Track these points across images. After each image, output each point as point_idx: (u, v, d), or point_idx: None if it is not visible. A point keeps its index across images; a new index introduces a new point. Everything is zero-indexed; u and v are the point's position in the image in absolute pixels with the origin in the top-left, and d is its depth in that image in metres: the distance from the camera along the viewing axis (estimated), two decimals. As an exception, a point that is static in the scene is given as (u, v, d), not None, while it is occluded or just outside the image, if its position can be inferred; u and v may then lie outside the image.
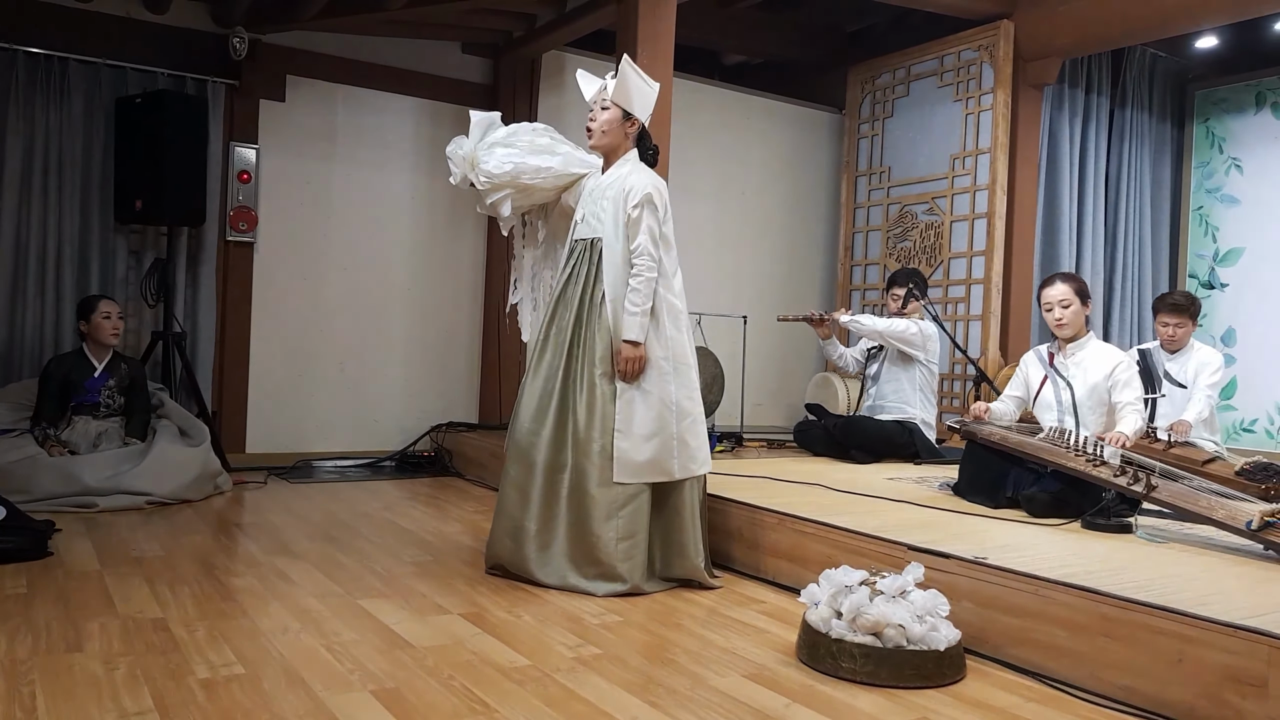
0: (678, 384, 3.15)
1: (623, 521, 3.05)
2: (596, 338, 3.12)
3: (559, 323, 3.20)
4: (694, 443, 3.17)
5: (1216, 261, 6.83)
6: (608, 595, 2.99)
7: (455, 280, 6.02)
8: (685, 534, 3.16)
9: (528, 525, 3.10)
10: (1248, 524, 2.78)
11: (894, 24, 6.76)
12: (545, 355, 3.19)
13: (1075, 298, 3.76)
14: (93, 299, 4.60)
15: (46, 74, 4.86)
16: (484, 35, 5.92)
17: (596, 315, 3.14)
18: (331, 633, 2.52)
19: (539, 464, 3.11)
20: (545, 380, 3.16)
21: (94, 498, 4.03)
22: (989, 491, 3.57)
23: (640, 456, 3.07)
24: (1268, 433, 6.42)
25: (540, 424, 3.12)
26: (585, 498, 3.06)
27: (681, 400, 3.15)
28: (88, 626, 2.49)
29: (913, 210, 6.36)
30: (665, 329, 3.16)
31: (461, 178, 3.38)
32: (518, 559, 3.12)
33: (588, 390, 3.10)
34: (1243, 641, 2.02)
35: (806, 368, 6.88)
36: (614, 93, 3.21)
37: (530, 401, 3.16)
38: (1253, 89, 6.70)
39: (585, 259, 3.21)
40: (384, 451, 5.74)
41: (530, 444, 3.13)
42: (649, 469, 3.09)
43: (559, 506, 3.10)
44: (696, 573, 3.15)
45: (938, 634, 2.33)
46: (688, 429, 3.16)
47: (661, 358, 3.13)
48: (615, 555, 3.02)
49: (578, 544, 3.07)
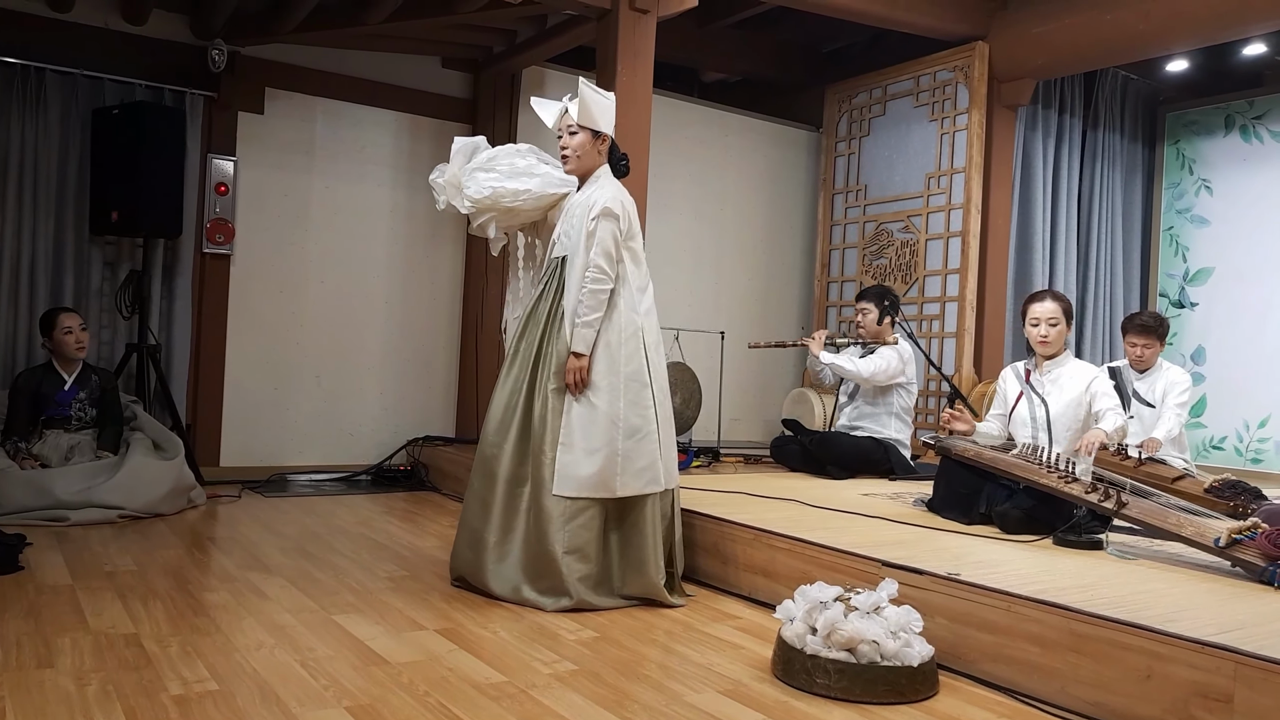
0: (628, 401, 3.13)
1: (569, 535, 3.05)
2: (554, 351, 3.15)
3: (528, 337, 3.24)
4: (642, 461, 3.13)
5: (1187, 281, 6.94)
6: (556, 610, 3.00)
7: (433, 294, 6.02)
8: (645, 551, 3.14)
9: (487, 537, 3.13)
10: (1216, 541, 2.82)
11: (870, 44, 6.83)
12: (513, 369, 3.23)
13: (1063, 317, 3.81)
14: (52, 314, 4.55)
15: (23, 84, 4.83)
16: (464, 50, 5.94)
17: (556, 329, 3.17)
18: (306, 648, 2.51)
19: (500, 476, 3.14)
20: (510, 393, 3.20)
21: (66, 511, 3.99)
22: (963, 508, 3.60)
23: (582, 471, 3.07)
24: (1236, 450, 6.50)
25: (503, 436, 3.16)
26: (540, 510, 3.08)
27: (630, 417, 3.12)
28: (59, 642, 2.47)
29: (889, 228, 6.42)
30: (622, 345, 3.15)
31: (447, 203, 3.45)
32: (476, 570, 3.16)
33: (542, 402, 3.14)
34: (1209, 658, 2.06)
35: (783, 383, 6.91)
36: (579, 116, 3.24)
37: (495, 414, 3.20)
38: (1222, 111, 6.82)
39: (555, 275, 3.25)
40: (360, 465, 5.72)
41: (492, 456, 3.17)
42: (590, 484, 3.07)
43: (518, 519, 3.13)
44: (654, 591, 3.12)
45: (911, 650, 2.35)
46: (635, 446, 3.12)
47: (608, 372, 3.12)
48: (562, 568, 3.03)
49: (531, 556, 3.09)
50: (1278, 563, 2.70)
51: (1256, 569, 2.75)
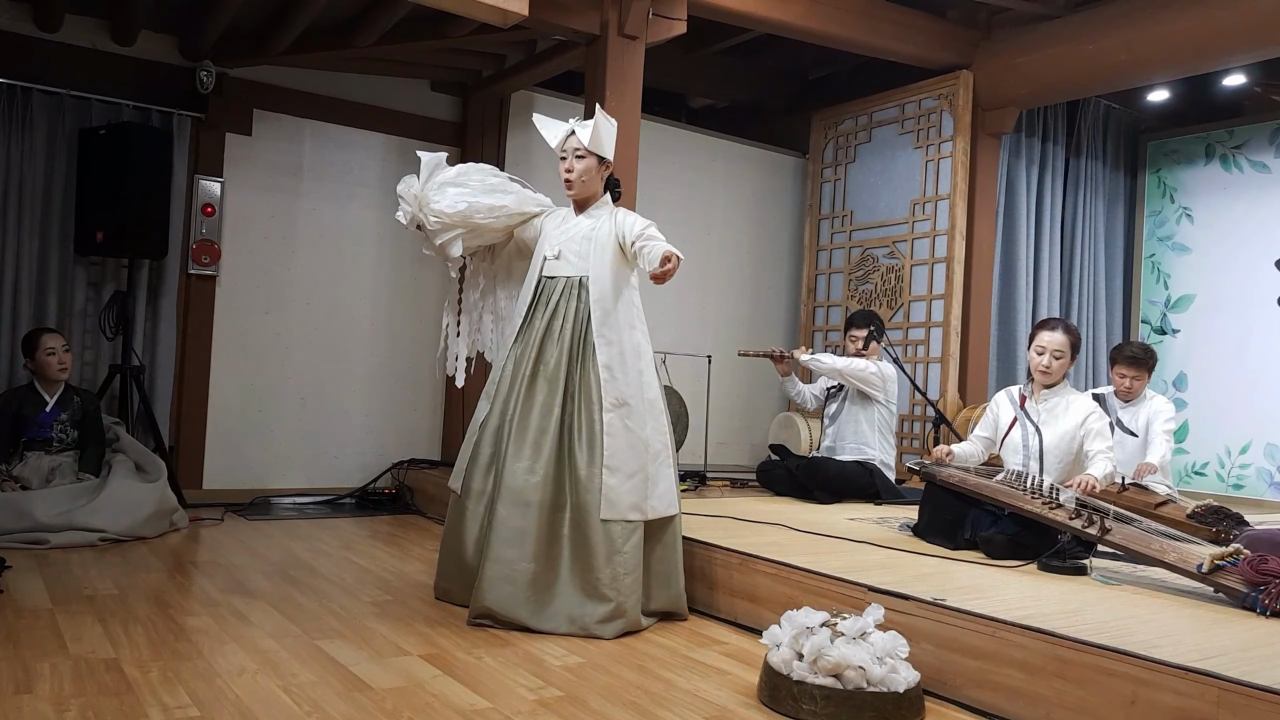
0: (653, 425, 3.20)
1: (627, 556, 3.05)
2: (591, 376, 3.14)
3: (545, 359, 3.18)
4: (664, 484, 3.20)
5: (1168, 308, 7.00)
6: (615, 636, 2.96)
7: (420, 316, 6.01)
8: (669, 565, 3.21)
9: (528, 567, 3.02)
10: (1199, 567, 2.84)
11: (856, 72, 6.90)
12: (536, 394, 3.15)
13: (1069, 351, 3.82)
14: (34, 334, 4.51)
15: (9, 103, 4.82)
16: (453, 74, 5.97)
17: (591, 355, 3.15)
18: (289, 674, 2.49)
19: (536, 503, 3.05)
20: (540, 418, 3.13)
21: (46, 534, 3.94)
22: (948, 533, 3.60)
23: (625, 493, 3.09)
24: (1219, 476, 6.55)
25: (536, 462, 3.09)
26: (589, 536, 3.04)
27: (654, 441, 3.19)
28: (38, 667, 2.43)
29: (874, 253, 6.46)
30: (643, 371, 3.23)
31: (411, 217, 3.30)
32: (514, 605, 2.99)
33: (587, 429, 3.11)
34: (1193, 684, 2.06)
35: (770, 407, 6.92)
36: (590, 141, 3.25)
37: (523, 441, 3.10)
38: (1202, 141, 6.91)
39: (571, 296, 3.22)
40: (344, 488, 5.68)
41: (526, 483, 3.06)
42: (631, 507, 3.10)
43: (561, 546, 3.07)
44: (679, 603, 3.22)
45: (897, 676, 2.35)
46: (658, 470, 3.19)
47: (638, 396, 3.18)
48: (624, 592, 3.02)
49: (589, 584, 3.02)
50: (1260, 588, 2.72)
51: (1239, 595, 2.77)
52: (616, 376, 3.16)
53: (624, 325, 3.22)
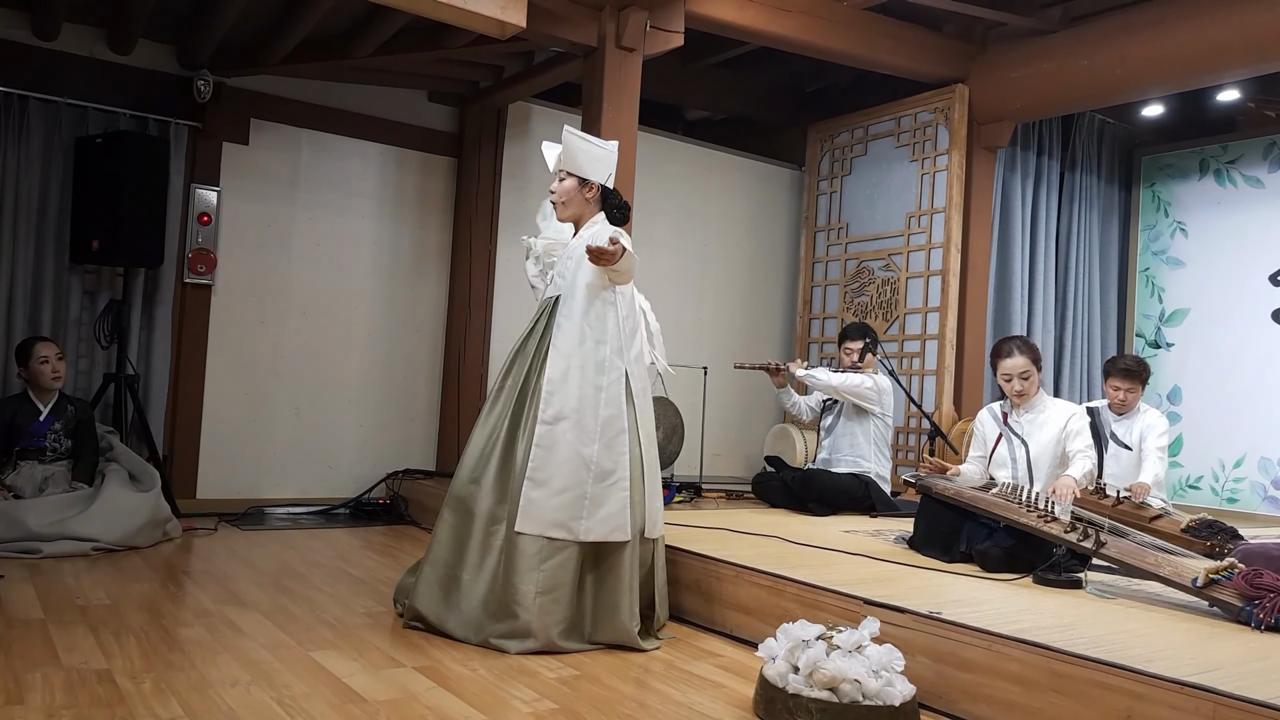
0: (603, 444, 3.07)
1: (544, 575, 2.95)
2: (541, 389, 3.10)
3: (514, 374, 3.20)
4: (611, 507, 3.04)
5: (1162, 321, 7.02)
6: (520, 653, 2.88)
7: (416, 327, 6.01)
8: (619, 595, 3.02)
9: (461, 575, 3.04)
10: (1194, 581, 2.85)
11: (852, 85, 6.93)
12: (497, 405, 3.18)
13: (1033, 367, 3.85)
14: (28, 343, 4.50)
15: (6, 111, 4.81)
16: (451, 85, 5.98)
17: (542, 368, 3.13)
18: (283, 685, 2.48)
19: (477, 513, 3.07)
20: (492, 428, 3.15)
21: (38, 543, 3.93)
22: (943, 545, 3.61)
23: (549, 509, 2.99)
24: (1213, 489, 6.55)
25: (481, 472, 3.10)
26: (513, 549, 2.98)
27: (604, 461, 3.06)
28: (29, 677, 2.42)
29: (870, 266, 6.48)
30: (604, 389, 3.11)
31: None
32: (442, 610, 3.03)
33: (527, 438, 3.07)
34: (1189, 698, 2.06)
35: (766, 419, 6.92)
36: (563, 160, 3.25)
37: (473, 450, 3.14)
38: (1196, 155, 6.94)
39: (547, 315, 3.24)
40: (338, 498, 5.67)
41: (469, 493, 3.09)
42: (552, 524, 2.99)
43: (490, 557, 3.03)
44: (626, 637, 3.00)
45: (893, 689, 2.34)
46: (604, 491, 3.04)
47: (583, 410, 3.07)
48: (531, 610, 2.91)
49: (496, 596, 2.98)
50: (1254, 603, 2.72)
51: (1233, 609, 2.77)
52: (557, 390, 3.08)
53: (583, 339, 3.13)
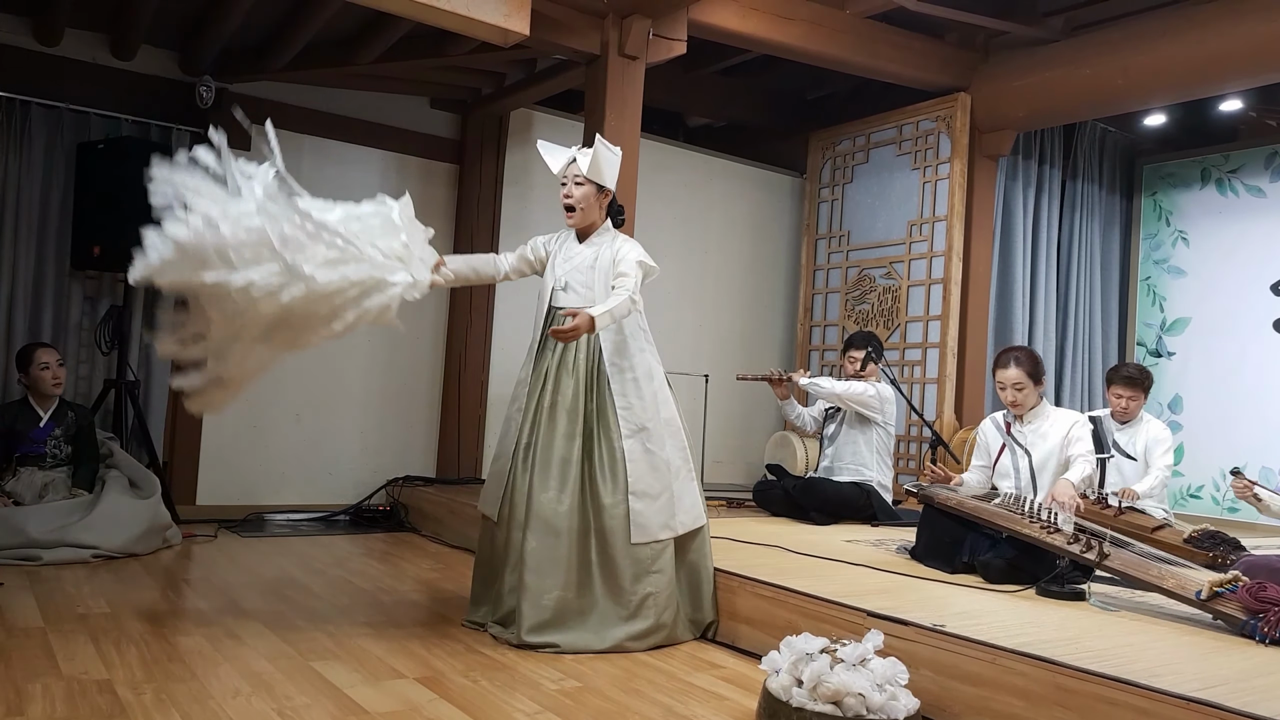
0: (672, 444, 3.32)
1: (661, 575, 3.18)
2: (609, 405, 3.24)
3: (562, 391, 3.24)
4: (689, 499, 3.33)
5: (1164, 330, 7.02)
6: (650, 649, 3.10)
7: (416, 333, 5.99)
8: (698, 576, 3.32)
9: (560, 595, 3.12)
10: (1197, 594, 2.83)
11: (853, 93, 6.93)
12: (558, 424, 3.21)
13: (1028, 380, 3.85)
14: (29, 349, 4.49)
15: (8, 116, 4.81)
16: (453, 91, 5.98)
17: (606, 384, 3.25)
18: (283, 696, 2.47)
19: (565, 530, 3.15)
20: (562, 448, 3.20)
21: (38, 550, 3.91)
22: (945, 556, 3.59)
23: (653, 515, 3.21)
24: (1214, 499, 6.54)
25: (562, 491, 3.18)
26: (615, 560, 3.15)
27: (674, 459, 3.31)
28: (29, 688, 2.41)
29: (871, 274, 6.47)
30: (657, 392, 3.33)
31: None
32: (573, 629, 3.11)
33: (609, 457, 3.21)
34: (1195, 714, 2.05)
35: (767, 426, 6.91)
36: (589, 170, 3.28)
37: (549, 471, 3.19)
38: (1198, 164, 6.94)
39: None
40: (338, 505, 5.65)
41: (555, 513, 3.16)
42: (661, 527, 3.22)
43: (591, 571, 3.17)
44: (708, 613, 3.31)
45: (897, 703, 2.33)
46: (682, 486, 3.31)
47: (655, 418, 3.28)
48: (660, 607, 3.15)
49: (622, 606, 3.14)
50: (1259, 616, 2.71)
51: (1238, 622, 2.76)
52: (632, 403, 3.27)
53: (634, 351, 3.33)
